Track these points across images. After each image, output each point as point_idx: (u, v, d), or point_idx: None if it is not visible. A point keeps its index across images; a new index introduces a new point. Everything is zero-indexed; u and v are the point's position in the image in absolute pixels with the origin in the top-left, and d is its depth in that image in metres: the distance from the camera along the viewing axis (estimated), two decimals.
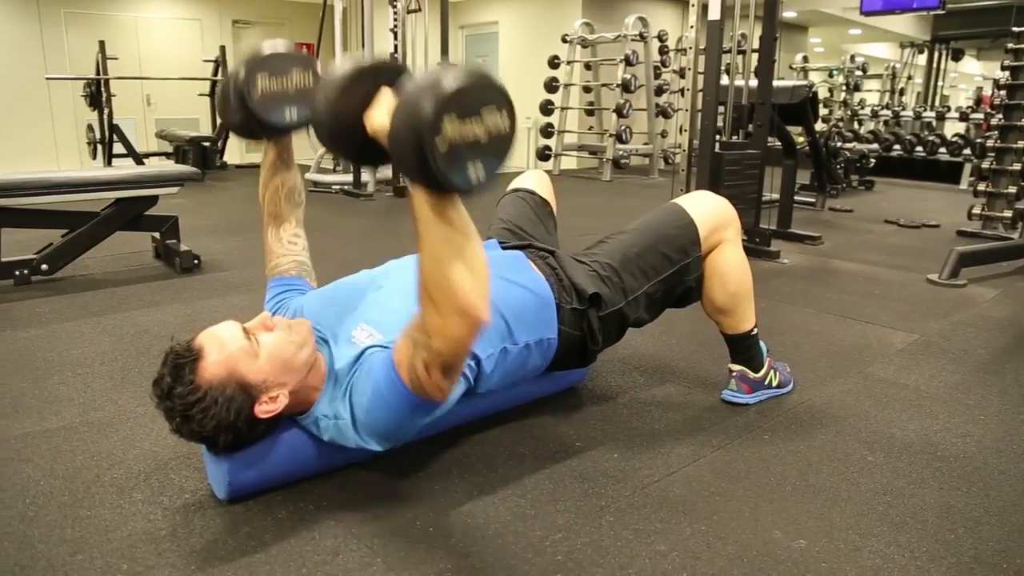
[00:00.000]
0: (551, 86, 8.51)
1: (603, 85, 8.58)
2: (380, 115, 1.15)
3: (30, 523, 1.41)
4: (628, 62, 7.84)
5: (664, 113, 8.55)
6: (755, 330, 1.98)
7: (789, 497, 1.56)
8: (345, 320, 1.55)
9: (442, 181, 1.05)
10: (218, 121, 8.31)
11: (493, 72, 1.10)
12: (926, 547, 1.39)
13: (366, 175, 6.41)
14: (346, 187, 6.50)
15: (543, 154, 8.61)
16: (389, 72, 1.22)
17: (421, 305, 1.22)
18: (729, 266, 1.89)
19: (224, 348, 1.35)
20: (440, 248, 1.15)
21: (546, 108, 8.54)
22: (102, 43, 7.54)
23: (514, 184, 2.22)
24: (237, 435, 1.37)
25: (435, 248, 1.15)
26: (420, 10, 6.46)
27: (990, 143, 4.87)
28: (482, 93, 1.07)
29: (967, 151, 7.96)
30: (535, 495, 1.54)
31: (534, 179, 2.21)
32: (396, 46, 6.18)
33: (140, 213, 3.47)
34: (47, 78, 8.11)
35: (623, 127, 7.90)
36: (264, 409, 1.37)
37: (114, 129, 7.57)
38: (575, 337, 1.72)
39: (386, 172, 6.70)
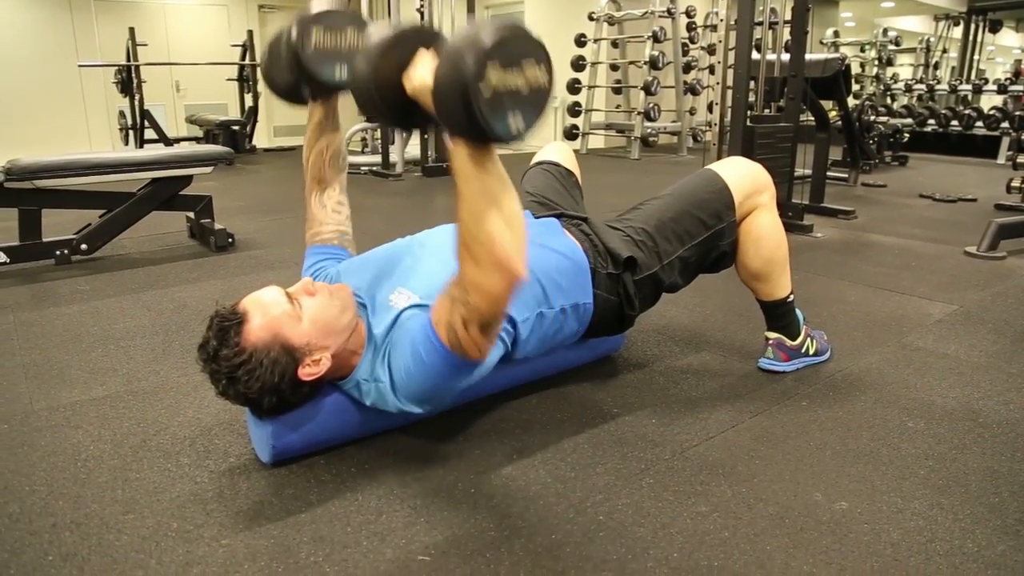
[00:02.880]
0: (578, 64, 8.44)
1: (630, 63, 8.50)
2: (420, 72, 1.16)
3: (83, 484, 1.45)
4: (656, 39, 7.75)
5: (692, 90, 8.46)
6: (791, 297, 1.96)
7: (829, 461, 1.55)
8: (383, 285, 1.56)
9: (484, 128, 1.08)
10: (247, 105, 8.37)
11: (531, 28, 1.12)
12: (970, 510, 1.38)
13: (394, 155, 6.43)
14: (375, 168, 6.53)
15: (570, 133, 8.56)
16: (426, 36, 1.25)
17: (459, 260, 1.24)
18: (764, 231, 1.87)
19: (268, 311, 1.37)
20: (478, 202, 1.17)
21: (573, 87, 8.48)
22: (132, 30, 7.64)
23: (537, 157, 2.21)
24: (281, 397, 1.39)
25: (474, 202, 1.17)
26: None
27: None
28: (523, 45, 1.10)
29: (1005, 124, 7.77)
30: (574, 458, 1.55)
31: (556, 150, 2.21)
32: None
33: (175, 193, 3.52)
34: (79, 65, 8.21)
35: (651, 105, 7.83)
36: (307, 372, 1.39)
37: (145, 115, 7.68)
38: (611, 302, 1.72)
39: (414, 152, 6.72)
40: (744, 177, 1.88)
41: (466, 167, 1.15)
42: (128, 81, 7.69)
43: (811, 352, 2.04)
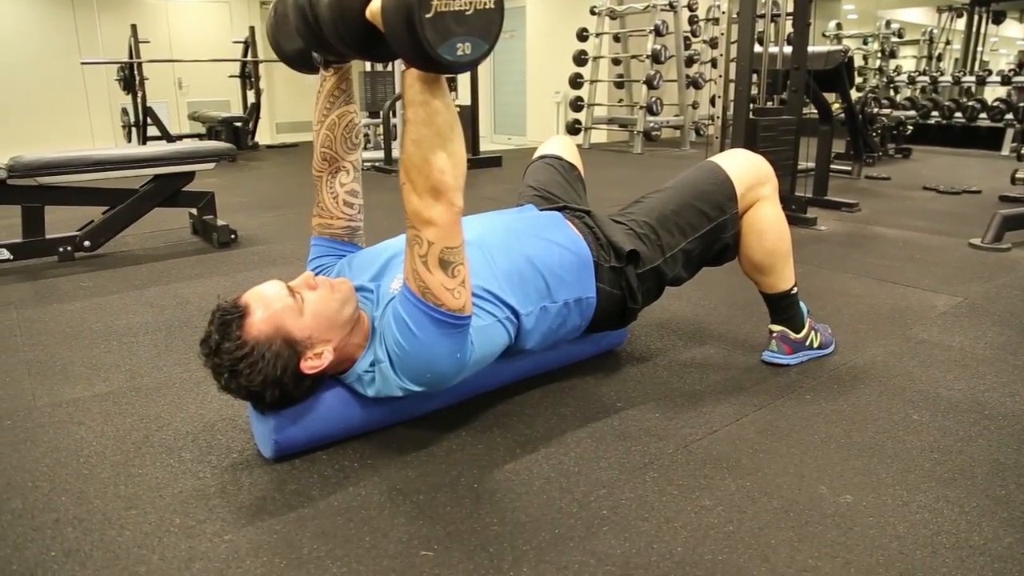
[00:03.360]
0: (580, 59, 8.41)
1: (632, 57, 8.46)
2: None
3: (85, 480, 1.45)
4: (658, 32, 7.72)
5: (695, 84, 8.42)
6: (795, 289, 1.95)
7: (834, 454, 1.55)
8: (387, 276, 1.56)
9: (429, 52, 1.12)
10: (249, 101, 8.36)
11: None
12: (976, 502, 1.37)
13: (397, 151, 6.42)
14: (377, 163, 6.52)
15: (573, 128, 8.53)
16: None
17: (403, 193, 1.29)
18: (767, 223, 1.86)
19: (270, 305, 1.37)
20: (422, 130, 1.23)
21: (575, 82, 8.45)
22: (134, 27, 7.63)
23: (540, 151, 2.21)
24: (284, 390, 1.39)
25: (417, 130, 1.24)
26: None
27: None
28: None
29: (1009, 116, 7.72)
30: (577, 452, 1.54)
31: (559, 144, 2.20)
32: None
33: (177, 190, 3.51)
34: (82, 63, 8.20)
35: (653, 99, 7.80)
36: (309, 365, 1.39)
37: (148, 112, 7.67)
38: (615, 296, 1.71)
39: None
40: (746, 168, 1.87)
41: (415, 94, 1.21)
42: (130, 78, 7.69)
43: (815, 345, 2.03)
